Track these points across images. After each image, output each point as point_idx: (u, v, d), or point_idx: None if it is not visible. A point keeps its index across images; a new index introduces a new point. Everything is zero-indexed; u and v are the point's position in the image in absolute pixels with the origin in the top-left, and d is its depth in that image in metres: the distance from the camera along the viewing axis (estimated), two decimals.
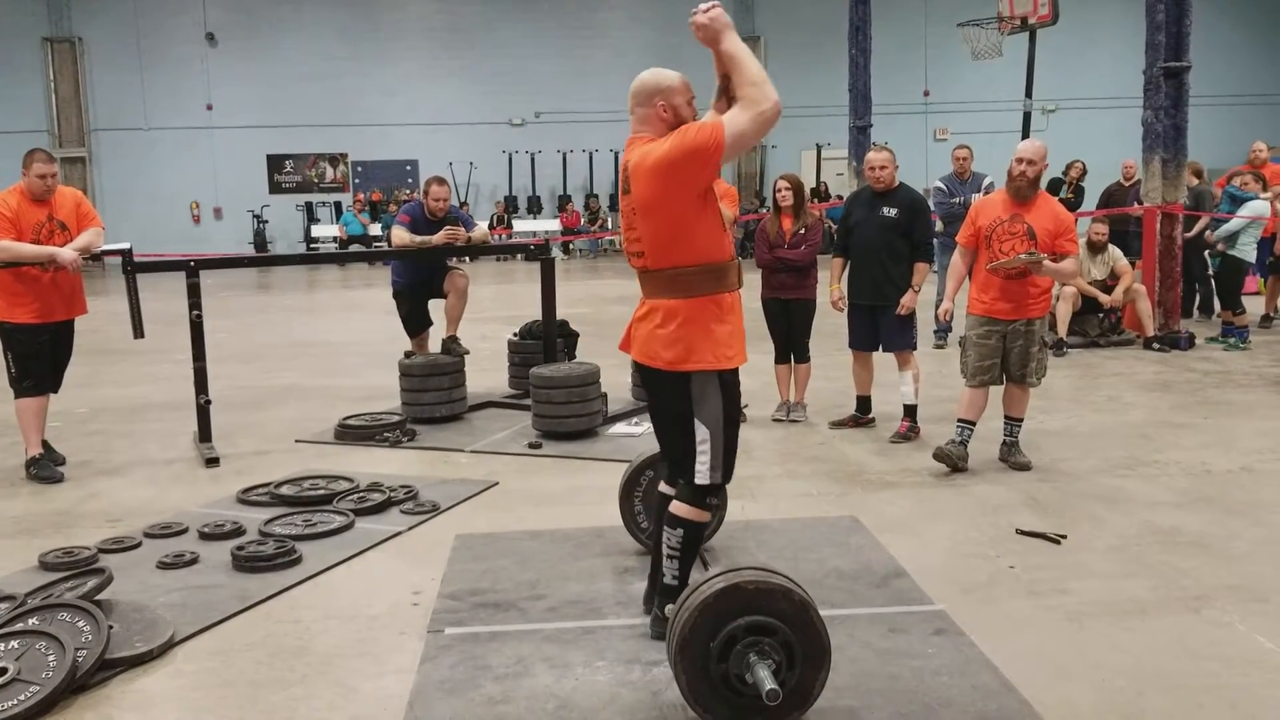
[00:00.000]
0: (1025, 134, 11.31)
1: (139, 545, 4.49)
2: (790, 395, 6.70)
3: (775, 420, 6.61)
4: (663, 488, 3.54)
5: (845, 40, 14.33)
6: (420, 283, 7.50)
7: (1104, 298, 9.30)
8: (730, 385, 3.28)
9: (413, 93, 25.36)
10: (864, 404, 6.49)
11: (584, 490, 5.23)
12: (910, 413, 6.15)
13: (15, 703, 3.01)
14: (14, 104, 23.73)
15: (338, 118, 25.14)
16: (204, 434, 6.15)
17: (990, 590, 3.85)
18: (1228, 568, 4.01)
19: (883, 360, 6.36)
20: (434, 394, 6.73)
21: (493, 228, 22.71)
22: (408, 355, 7.47)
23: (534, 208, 25.70)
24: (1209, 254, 10.27)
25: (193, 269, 6.12)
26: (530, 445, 6.08)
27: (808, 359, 6.65)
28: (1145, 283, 9.45)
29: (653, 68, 3.29)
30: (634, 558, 4.17)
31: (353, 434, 6.39)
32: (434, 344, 7.64)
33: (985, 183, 9.19)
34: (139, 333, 5.99)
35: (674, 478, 3.40)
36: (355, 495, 5.07)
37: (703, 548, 3.71)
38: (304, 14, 25.15)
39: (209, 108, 24.98)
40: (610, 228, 23.99)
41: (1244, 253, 9.70)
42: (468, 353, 7.34)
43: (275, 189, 25.64)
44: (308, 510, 4.88)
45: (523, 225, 24.92)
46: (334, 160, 25.86)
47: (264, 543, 4.37)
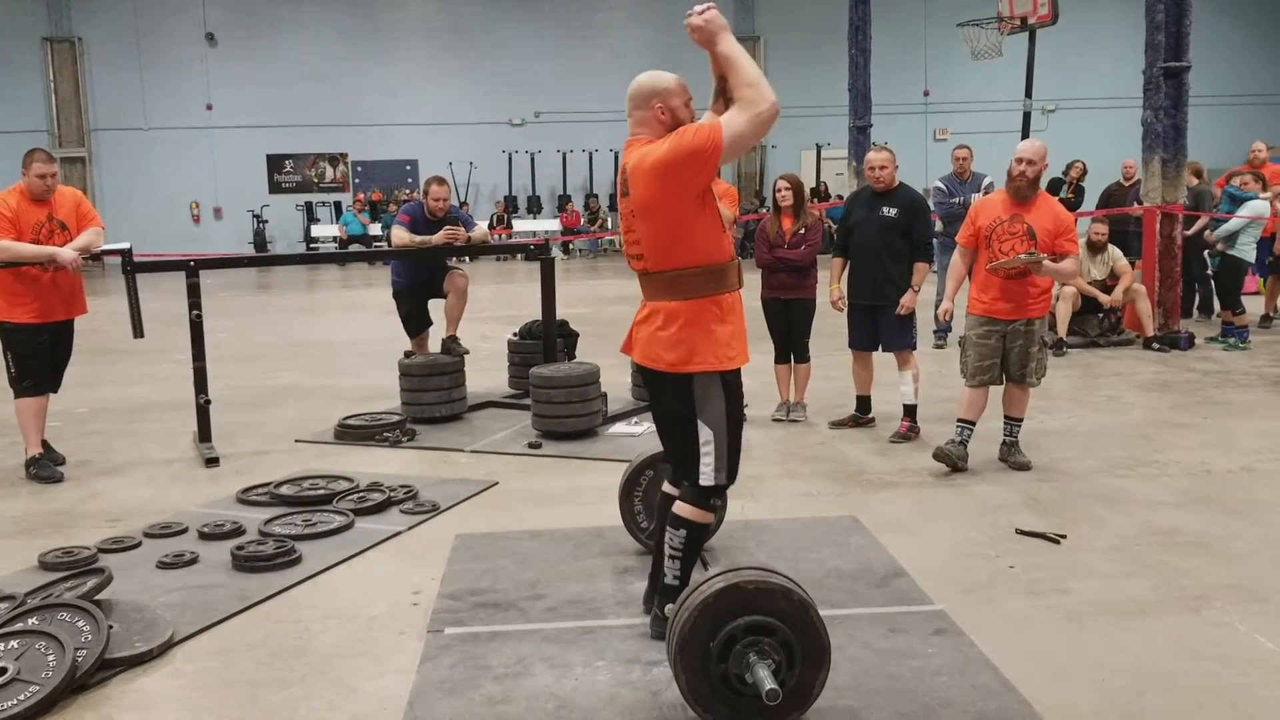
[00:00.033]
0: (1025, 134, 11.32)
1: (139, 545, 4.49)
2: (790, 395, 6.70)
3: (775, 420, 6.61)
4: (666, 488, 3.54)
5: (845, 40, 14.33)
6: (420, 282, 7.51)
7: (1104, 298, 9.30)
8: (733, 386, 3.28)
9: (413, 93, 25.35)
10: (864, 404, 6.49)
11: (584, 490, 5.23)
12: (910, 413, 6.15)
13: (15, 703, 3.01)
14: (14, 104, 23.74)
15: (338, 118, 25.14)
16: (204, 434, 6.15)
17: (990, 590, 3.85)
18: (1228, 568, 4.01)
19: (882, 360, 6.37)
20: (434, 394, 6.73)
21: (492, 228, 22.71)
22: (408, 355, 7.47)
23: (534, 208, 25.70)
24: (1208, 254, 10.27)
25: (192, 269, 6.12)
26: (530, 445, 6.08)
27: (807, 359, 6.65)
28: (1145, 283, 9.46)
29: (650, 70, 3.29)
30: (634, 558, 4.17)
31: (353, 434, 6.39)
32: (434, 344, 7.65)
33: (985, 183, 9.19)
34: (139, 332, 5.99)
35: (678, 479, 3.39)
36: (355, 495, 5.07)
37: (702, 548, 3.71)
38: (304, 14, 25.15)
39: (209, 108, 24.99)
40: (610, 228, 23.99)
41: (1243, 252, 9.70)
42: (467, 352, 7.35)
43: (275, 189, 25.64)
44: (307, 510, 4.88)
45: (522, 225, 24.92)
46: (334, 160, 25.86)
47: (264, 542, 4.37)
